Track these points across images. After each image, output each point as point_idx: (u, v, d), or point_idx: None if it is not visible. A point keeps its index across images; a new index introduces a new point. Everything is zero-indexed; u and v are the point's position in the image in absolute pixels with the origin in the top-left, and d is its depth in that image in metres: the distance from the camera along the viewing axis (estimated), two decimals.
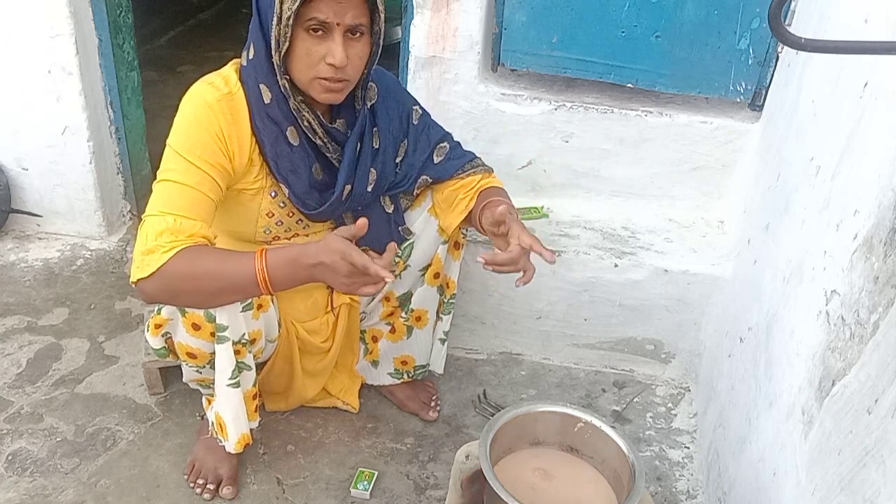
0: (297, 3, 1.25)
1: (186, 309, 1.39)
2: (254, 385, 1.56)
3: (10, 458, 1.68)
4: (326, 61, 1.31)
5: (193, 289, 1.30)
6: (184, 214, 1.30)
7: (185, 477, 1.66)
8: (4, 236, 2.39)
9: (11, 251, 2.34)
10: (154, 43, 4.07)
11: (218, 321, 1.39)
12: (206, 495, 1.63)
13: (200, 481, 1.64)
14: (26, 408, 1.81)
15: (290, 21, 1.27)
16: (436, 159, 1.62)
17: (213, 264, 1.29)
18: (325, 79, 1.33)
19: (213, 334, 1.41)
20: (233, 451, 1.58)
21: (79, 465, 1.68)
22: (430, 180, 1.62)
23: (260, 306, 1.46)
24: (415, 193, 1.66)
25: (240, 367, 1.48)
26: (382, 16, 1.35)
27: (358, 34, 1.33)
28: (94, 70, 2.23)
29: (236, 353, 1.45)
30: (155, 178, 1.38)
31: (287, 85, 1.36)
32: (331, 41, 1.30)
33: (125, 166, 2.44)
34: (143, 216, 1.33)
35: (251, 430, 1.60)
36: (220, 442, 1.59)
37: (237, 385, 1.49)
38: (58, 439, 1.74)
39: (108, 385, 1.89)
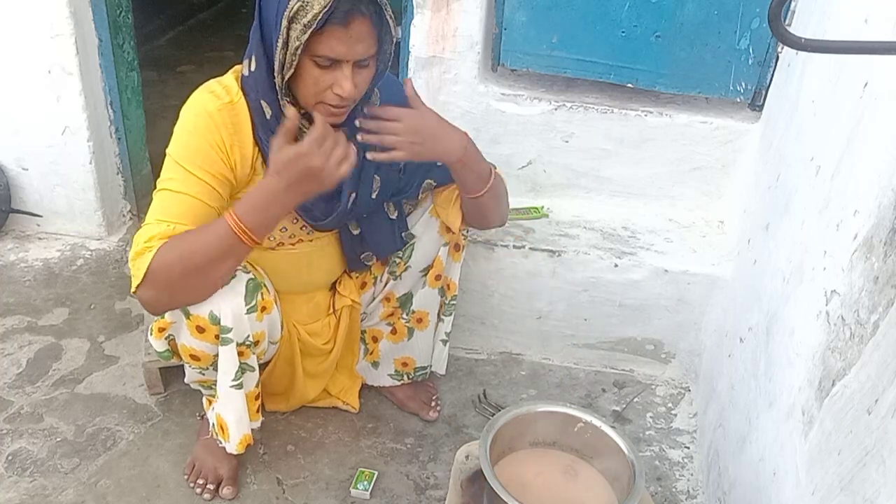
0: (305, 35, 1.23)
1: (190, 311, 1.38)
2: (256, 385, 1.56)
3: (10, 458, 1.68)
4: (334, 91, 1.30)
5: (184, 272, 1.29)
6: (180, 221, 1.30)
7: (185, 477, 1.66)
8: (4, 236, 2.39)
9: (11, 251, 2.34)
10: (154, 43, 4.07)
11: (223, 323, 1.39)
12: (206, 495, 1.63)
13: (200, 481, 1.64)
14: (26, 408, 1.81)
15: (298, 51, 1.25)
16: (439, 163, 1.61)
17: (191, 239, 1.29)
18: (330, 104, 1.32)
19: (217, 336, 1.41)
20: (234, 452, 1.58)
21: (79, 465, 1.68)
22: (434, 183, 1.62)
23: (264, 308, 1.46)
24: (419, 198, 1.66)
25: (243, 368, 1.48)
26: (394, 39, 1.34)
27: (366, 61, 1.31)
28: (94, 70, 2.23)
29: (240, 354, 1.45)
30: (156, 179, 1.38)
31: (288, 105, 1.34)
32: (339, 72, 1.28)
33: (125, 166, 2.44)
34: (143, 224, 1.33)
35: (252, 430, 1.60)
36: (221, 443, 1.59)
37: (240, 386, 1.49)
38: (58, 439, 1.74)
39: (108, 385, 1.89)
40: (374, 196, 1.53)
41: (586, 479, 1.39)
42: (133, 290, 1.30)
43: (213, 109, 1.34)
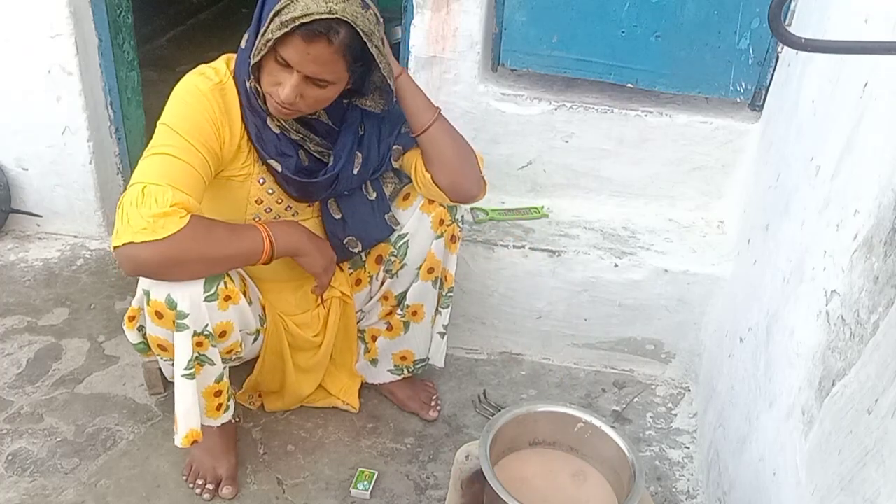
0: (279, 32, 1.29)
1: (151, 296, 1.38)
2: (217, 381, 1.51)
3: (10, 458, 1.68)
4: (277, 90, 1.36)
5: (201, 255, 1.33)
6: (182, 189, 1.32)
7: (184, 478, 1.66)
8: (4, 236, 2.39)
9: (11, 251, 2.34)
10: (154, 43, 4.07)
11: (179, 308, 1.37)
12: (206, 495, 1.62)
13: (199, 481, 1.63)
14: (26, 408, 1.81)
15: (269, 44, 1.31)
16: (403, 130, 1.62)
17: (224, 233, 1.36)
18: (274, 100, 1.38)
19: (174, 323, 1.39)
20: (179, 446, 1.52)
21: (79, 465, 1.68)
22: (402, 150, 1.63)
23: (228, 297, 1.43)
24: (395, 166, 1.65)
25: (200, 361, 1.45)
26: (379, 61, 1.38)
27: (322, 83, 1.36)
28: (94, 70, 2.23)
29: (198, 345, 1.42)
30: None
31: (257, 87, 1.41)
32: (288, 76, 1.34)
33: (125, 166, 2.44)
34: (138, 181, 1.30)
35: (221, 425, 1.59)
36: (173, 433, 1.55)
37: (192, 377, 1.45)
38: (58, 439, 1.74)
39: (108, 385, 1.89)
40: (355, 172, 1.56)
41: (590, 483, 1.39)
42: (136, 241, 1.25)
43: (206, 89, 1.41)
